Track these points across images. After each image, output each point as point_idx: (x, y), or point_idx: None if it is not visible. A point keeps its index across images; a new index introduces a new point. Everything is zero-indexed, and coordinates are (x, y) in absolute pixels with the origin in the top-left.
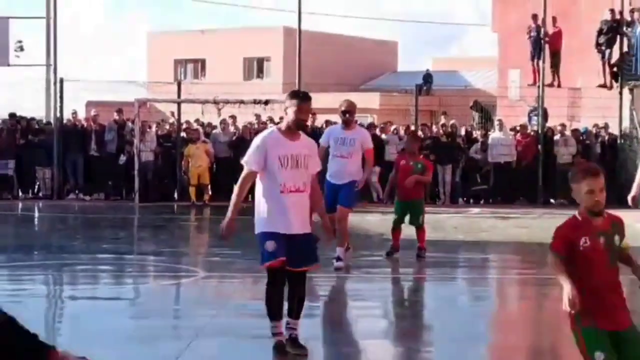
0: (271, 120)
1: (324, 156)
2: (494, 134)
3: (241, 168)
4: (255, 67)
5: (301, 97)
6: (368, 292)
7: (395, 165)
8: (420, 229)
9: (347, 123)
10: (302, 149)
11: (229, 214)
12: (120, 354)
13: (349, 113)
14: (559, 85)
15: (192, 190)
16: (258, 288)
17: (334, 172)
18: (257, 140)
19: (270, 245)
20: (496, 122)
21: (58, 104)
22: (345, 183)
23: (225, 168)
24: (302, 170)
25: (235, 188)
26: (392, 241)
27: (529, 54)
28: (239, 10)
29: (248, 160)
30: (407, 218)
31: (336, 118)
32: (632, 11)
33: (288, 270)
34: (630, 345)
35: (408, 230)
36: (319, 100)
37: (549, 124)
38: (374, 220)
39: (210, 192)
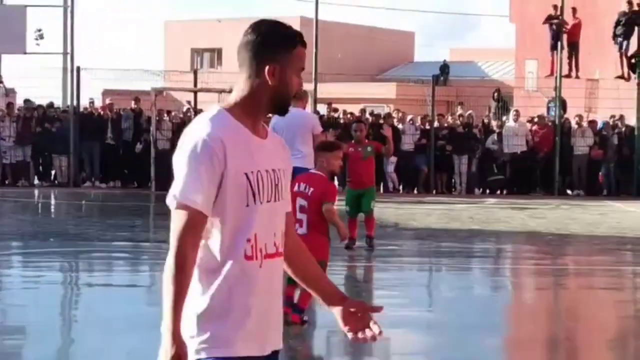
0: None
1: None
2: (509, 124)
3: None
4: None
5: (301, 40)
6: (383, 282)
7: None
8: (370, 218)
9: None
10: (276, 156)
11: (169, 320)
12: (136, 341)
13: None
14: (576, 77)
15: None
16: None
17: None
18: (195, 141)
19: None
20: (512, 113)
21: (75, 92)
22: None
23: None
24: (281, 204)
25: (170, 262)
26: (349, 233)
27: (548, 44)
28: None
29: (186, 193)
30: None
31: (352, 108)
32: None
33: None
34: None
35: (427, 220)
36: (335, 90)
37: (567, 115)
38: (390, 211)
39: None
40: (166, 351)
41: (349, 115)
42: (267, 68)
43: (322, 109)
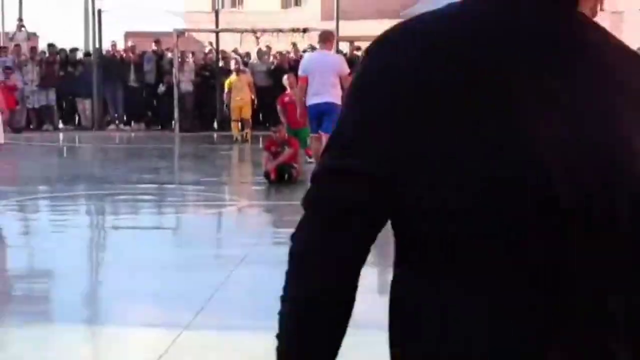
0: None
1: None
2: None
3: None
4: None
5: None
6: None
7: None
8: None
9: None
10: None
11: None
12: (163, 283)
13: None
14: (601, 9)
15: (234, 126)
16: (298, 217)
17: None
18: None
19: None
20: None
21: (97, 35)
22: None
23: (265, 97)
24: None
25: None
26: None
27: None
28: None
29: None
30: None
31: None
32: None
33: None
34: None
35: None
36: (358, 28)
37: None
38: None
39: (251, 126)
40: None
41: None
42: None
43: (345, 47)
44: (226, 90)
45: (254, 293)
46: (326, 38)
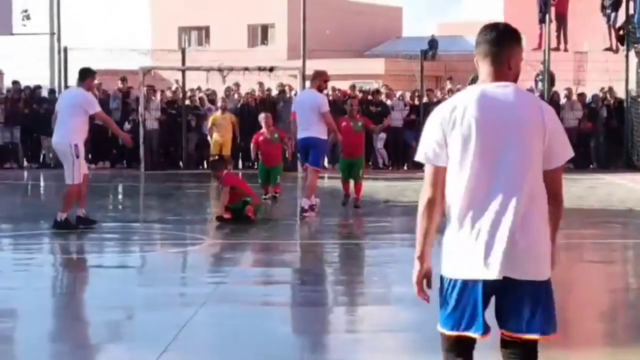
0: (282, 87)
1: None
2: None
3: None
4: (260, 34)
5: None
6: (374, 259)
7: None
8: (358, 183)
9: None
10: None
11: None
12: (127, 323)
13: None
14: (565, 50)
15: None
16: (263, 255)
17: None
18: None
19: None
20: None
21: (62, 73)
22: None
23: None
24: None
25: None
26: (344, 191)
27: (537, 17)
28: None
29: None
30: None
31: (341, 85)
32: None
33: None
34: None
35: (417, 196)
36: (324, 66)
37: (556, 88)
38: (380, 187)
39: (231, 164)
40: None
41: (337, 92)
42: None
43: None
44: (209, 125)
45: (219, 333)
46: (313, 77)
